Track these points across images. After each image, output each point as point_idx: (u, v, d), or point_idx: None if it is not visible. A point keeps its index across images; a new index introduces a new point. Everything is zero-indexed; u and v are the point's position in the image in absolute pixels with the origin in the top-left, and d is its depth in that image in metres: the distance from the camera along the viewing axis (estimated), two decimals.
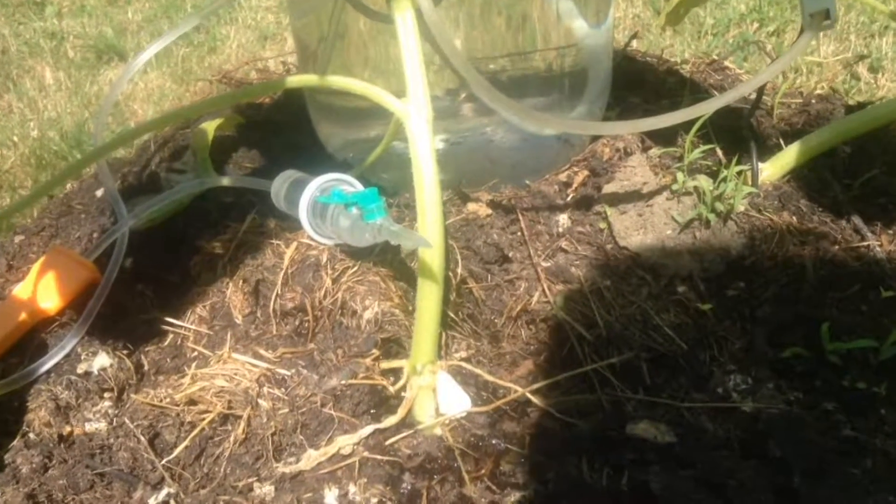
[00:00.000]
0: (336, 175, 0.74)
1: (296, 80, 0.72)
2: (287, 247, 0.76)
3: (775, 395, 0.75)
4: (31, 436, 0.70)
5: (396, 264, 0.76)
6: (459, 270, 0.79)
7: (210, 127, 0.93)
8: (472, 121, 0.99)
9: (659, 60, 1.20)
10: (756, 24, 2.00)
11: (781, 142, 1.00)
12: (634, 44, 1.35)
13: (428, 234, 0.64)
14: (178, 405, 0.69)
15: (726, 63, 1.24)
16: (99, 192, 1.01)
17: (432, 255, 0.65)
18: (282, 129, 1.03)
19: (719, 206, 0.84)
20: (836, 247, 0.85)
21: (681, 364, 0.78)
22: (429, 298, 0.67)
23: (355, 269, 0.74)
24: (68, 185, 1.03)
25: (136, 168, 1.02)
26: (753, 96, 1.01)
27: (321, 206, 0.71)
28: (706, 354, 0.79)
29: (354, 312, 0.72)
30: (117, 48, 2.22)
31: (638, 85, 1.08)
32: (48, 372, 0.74)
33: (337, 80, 0.69)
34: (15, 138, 1.55)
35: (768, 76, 0.79)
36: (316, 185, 0.72)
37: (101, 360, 0.73)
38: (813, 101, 1.17)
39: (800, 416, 0.72)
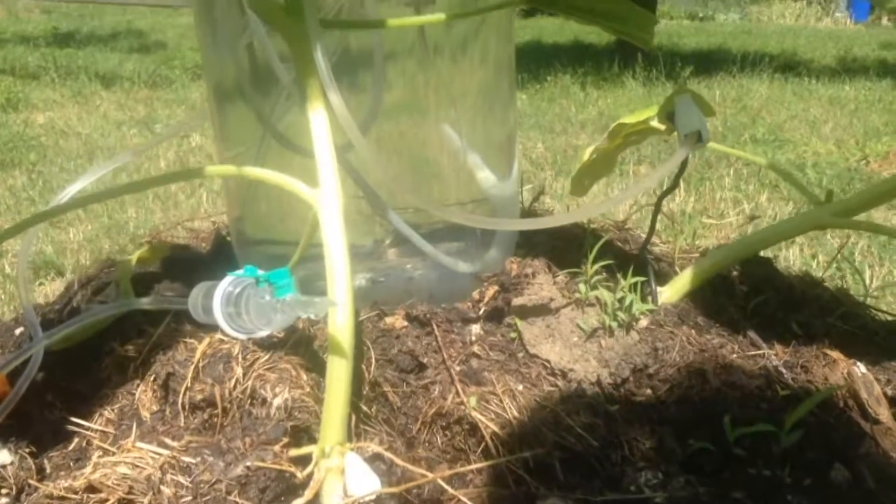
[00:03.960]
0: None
1: (215, 170, 0.78)
2: (199, 343, 0.77)
3: (686, 488, 0.76)
4: None
5: (309, 355, 0.78)
6: (373, 370, 0.81)
7: (133, 257, 0.96)
8: (395, 261, 1.05)
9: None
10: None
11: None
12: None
13: (336, 297, 0.67)
14: (77, 493, 0.66)
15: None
16: (18, 331, 1.01)
17: (341, 328, 0.68)
18: (207, 266, 1.06)
19: (621, 316, 0.89)
20: (734, 355, 0.90)
21: (593, 464, 0.79)
22: (338, 377, 0.68)
23: (267, 358, 0.75)
24: None
25: (58, 306, 1.03)
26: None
27: (235, 296, 0.74)
28: (617, 454, 0.80)
29: (264, 401, 0.72)
30: (55, 264, 2.26)
31: (545, 231, 1.16)
32: None
33: (252, 171, 0.74)
34: None
35: (643, 187, 0.87)
36: (230, 279, 0.75)
37: (2, 458, 0.71)
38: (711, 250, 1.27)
39: (710, 502, 0.73)
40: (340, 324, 0.69)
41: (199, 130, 3.85)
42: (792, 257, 2.13)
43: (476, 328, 0.89)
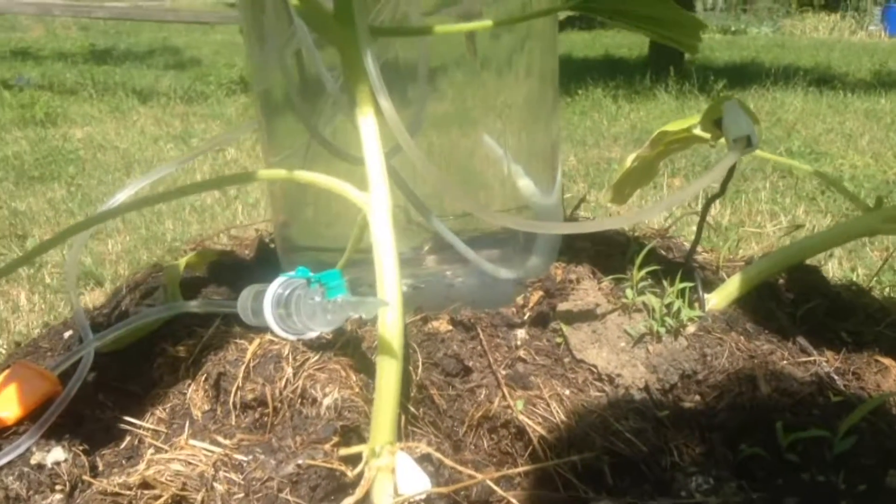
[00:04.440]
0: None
1: (267, 174, 0.78)
2: (250, 343, 0.78)
3: (738, 493, 0.75)
4: None
5: (358, 356, 0.78)
6: (420, 373, 0.81)
7: (181, 262, 0.97)
8: (435, 268, 1.05)
9: None
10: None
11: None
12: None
13: (386, 297, 0.67)
14: (131, 489, 0.67)
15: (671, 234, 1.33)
16: (67, 334, 1.03)
17: (391, 328, 0.68)
18: (252, 271, 1.08)
19: (669, 322, 0.88)
20: (785, 362, 0.89)
21: (643, 469, 0.78)
22: (388, 376, 0.68)
23: (317, 358, 0.76)
24: (36, 331, 1.05)
25: (106, 310, 1.05)
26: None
27: (285, 298, 0.74)
28: (667, 459, 0.79)
29: (314, 400, 0.73)
30: (94, 275, 2.28)
31: (588, 237, 1.16)
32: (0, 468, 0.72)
33: (302, 175, 0.75)
34: None
35: (693, 191, 0.87)
36: (280, 281, 0.76)
37: (56, 455, 0.72)
38: (756, 258, 1.26)
39: None
40: (390, 324, 0.69)
41: (234, 144, 3.90)
42: (831, 270, 2.11)
43: (521, 333, 0.89)
